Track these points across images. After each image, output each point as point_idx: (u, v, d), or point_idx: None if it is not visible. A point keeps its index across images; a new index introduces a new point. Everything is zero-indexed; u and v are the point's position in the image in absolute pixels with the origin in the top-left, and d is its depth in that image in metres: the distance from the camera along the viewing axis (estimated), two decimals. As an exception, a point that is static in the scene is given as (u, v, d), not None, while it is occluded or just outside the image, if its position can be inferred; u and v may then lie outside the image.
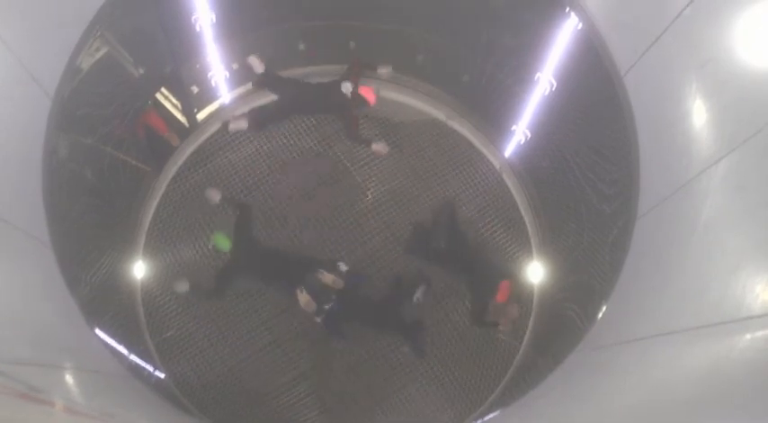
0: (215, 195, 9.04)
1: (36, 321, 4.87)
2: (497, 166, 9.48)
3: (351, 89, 9.01)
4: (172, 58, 8.42)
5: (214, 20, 7.90)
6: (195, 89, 9.05)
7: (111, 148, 7.63)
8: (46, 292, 5.39)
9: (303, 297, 8.58)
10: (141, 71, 7.90)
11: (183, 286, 8.78)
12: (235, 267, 8.83)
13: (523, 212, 9.38)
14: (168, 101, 8.81)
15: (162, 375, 8.51)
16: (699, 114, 4.39)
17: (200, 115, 9.34)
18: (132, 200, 8.80)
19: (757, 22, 3.74)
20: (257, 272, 8.91)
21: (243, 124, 9.19)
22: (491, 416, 8.07)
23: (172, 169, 9.22)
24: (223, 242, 8.74)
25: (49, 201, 5.45)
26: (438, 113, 9.63)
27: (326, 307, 8.54)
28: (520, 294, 9.10)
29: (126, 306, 8.51)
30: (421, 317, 8.92)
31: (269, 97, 9.46)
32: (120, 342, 7.06)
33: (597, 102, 6.18)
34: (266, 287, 8.98)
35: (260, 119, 9.27)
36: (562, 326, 7.47)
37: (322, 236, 9.18)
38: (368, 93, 9.08)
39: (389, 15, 8.76)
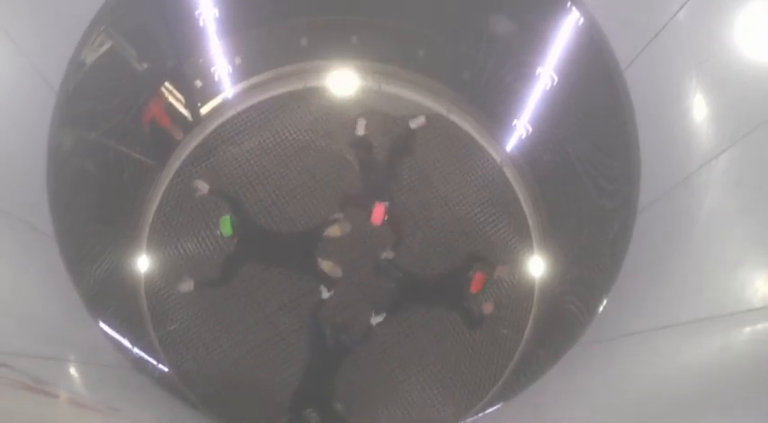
0: (203, 187, 8.99)
1: (40, 314, 4.90)
2: (498, 160, 9.50)
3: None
4: (175, 52, 8.43)
5: (217, 15, 7.90)
6: (199, 83, 9.06)
7: (114, 142, 7.65)
8: (50, 285, 5.41)
9: (326, 264, 8.77)
10: (145, 66, 7.92)
11: (187, 286, 8.82)
12: (239, 254, 8.88)
13: (524, 206, 9.40)
14: (172, 95, 8.82)
15: (165, 368, 8.54)
16: (699, 110, 4.41)
17: (204, 109, 9.36)
18: (136, 194, 8.81)
19: (756, 18, 3.75)
20: (264, 255, 8.97)
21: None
22: (492, 409, 8.10)
23: (175, 163, 9.24)
24: (227, 227, 8.74)
25: (53, 194, 5.47)
26: (439, 108, 9.63)
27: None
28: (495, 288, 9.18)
29: (129, 299, 8.53)
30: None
31: (270, 93, 9.54)
32: (123, 335, 7.08)
33: (598, 97, 6.20)
34: (281, 268, 9.08)
35: None
36: (563, 320, 7.49)
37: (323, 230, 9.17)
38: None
39: (391, 11, 8.77)
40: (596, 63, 5.81)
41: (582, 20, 6.12)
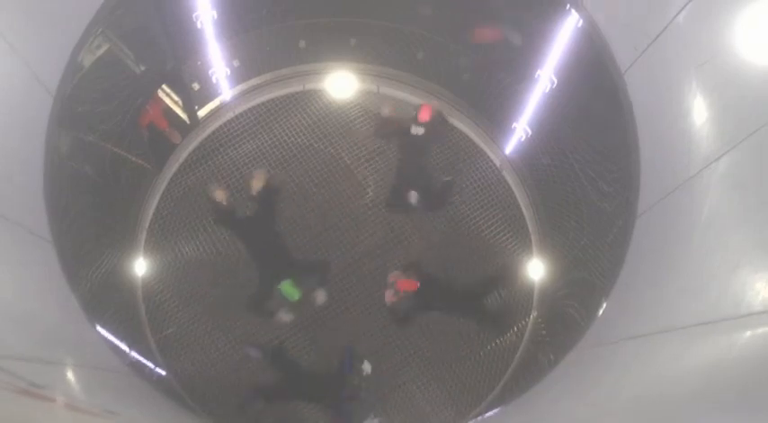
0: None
1: (38, 318, 4.87)
2: (498, 163, 9.49)
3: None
4: (173, 55, 8.42)
5: (215, 17, 7.89)
6: (196, 86, 9.06)
7: (112, 145, 7.64)
8: (47, 288, 5.39)
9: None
10: (142, 68, 7.91)
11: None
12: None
13: (524, 209, 9.39)
14: (169, 98, 8.81)
15: (163, 372, 8.52)
16: (699, 112, 4.39)
17: (202, 112, 9.34)
18: (133, 197, 8.80)
19: (756, 20, 3.74)
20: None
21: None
22: (492, 413, 8.07)
23: (173, 166, 9.23)
24: (293, 292, 8.75)
25: (50, 198, 5.45)
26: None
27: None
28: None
29: (127, 303, 8.51)
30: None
31: (268, 96, 9.53)
32: (121, 339, 7.07)
33: (598, 99, 6.18)
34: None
35: None
36: (562, 323, 7.48)
37: (322, 233, 9.18)
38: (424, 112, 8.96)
39: (390, 13, 8.76)
40: (596, 65, 5.79)
41: (581, 22, 6.11)
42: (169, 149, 9.17)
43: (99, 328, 6.21)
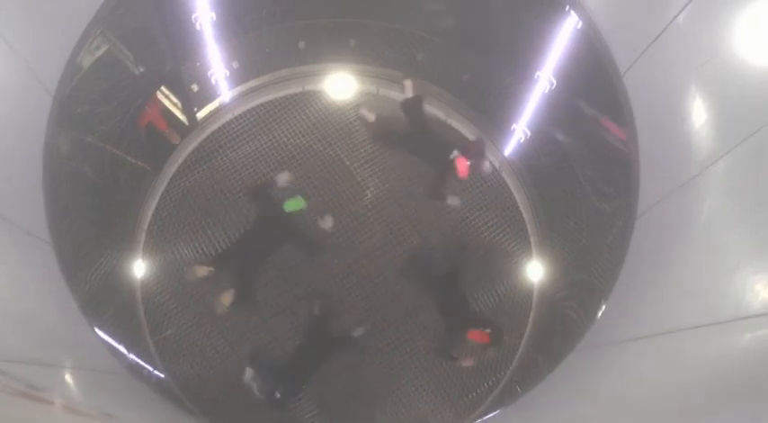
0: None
1: (36, 320, 4.86)
2: (497, 165, 9.48)
3: (455, 155, 9.02)
4: (172, 56, 8.42)
5: (214, 18, 7.89)
6: (195, 87, 9.04)
7: (111, 146, 7.63)
8: (46, 290, 5.38)
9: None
10: (141, 69, 7.90)
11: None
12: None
13: (523, 211, 9.37)
14: (168, 99, 8.80)
15: (161, 374, 8.49)
16: (698, 113, 4.39)
17: (201, 114, 9.33)
18: (132, 198, 8.79)
19: (756, 21, 3.74)
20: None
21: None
22: (491, 415, 8.06)
23: (172, 168, 9.21)
24: (297, 203, 8.89)
25: (49, 199, 5.44)
26: (438, 112, 9.61)
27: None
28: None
29: (126, 305, 8.50)
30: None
31: (267, 97, 9.53)
32: (119, 341, 7.05)
33: (597, 100, 6.18)
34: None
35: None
36: (562, 325, 7.47)
37: (321, 234, 9.15)
38: (462, 165, 9.06)
39: (390, 13, 8.76)
40: (595, 67, 5.78)
41: (580, 23, 6.10)
42: (168, 151, 9.16)
43: (97, 330, 6.20)
